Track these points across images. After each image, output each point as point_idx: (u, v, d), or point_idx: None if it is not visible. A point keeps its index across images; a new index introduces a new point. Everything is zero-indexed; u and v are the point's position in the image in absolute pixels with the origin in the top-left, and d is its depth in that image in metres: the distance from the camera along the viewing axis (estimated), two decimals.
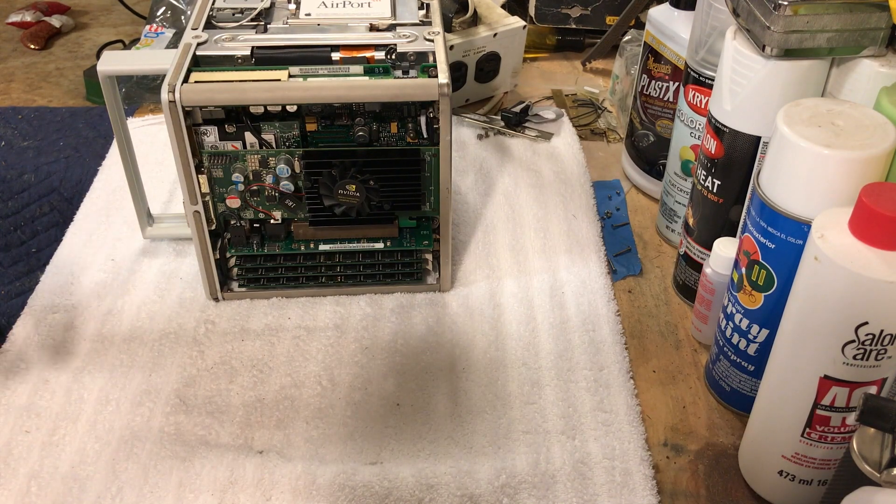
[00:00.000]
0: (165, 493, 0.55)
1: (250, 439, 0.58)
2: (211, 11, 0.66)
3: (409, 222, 0.68)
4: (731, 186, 0.63)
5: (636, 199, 0.83)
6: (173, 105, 0.58)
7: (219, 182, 0.64)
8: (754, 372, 0.58)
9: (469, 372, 0.63)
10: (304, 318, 0.68)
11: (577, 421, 0.60)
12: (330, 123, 0.62)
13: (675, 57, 0.73)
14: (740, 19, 0.57)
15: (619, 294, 0.72)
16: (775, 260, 0.52)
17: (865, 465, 0.40)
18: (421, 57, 0.62)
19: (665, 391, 0.63)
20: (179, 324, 0.67)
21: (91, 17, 1.20)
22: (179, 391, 0.61)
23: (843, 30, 0.54)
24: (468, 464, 0.57)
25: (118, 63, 0.64)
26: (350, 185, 0.62)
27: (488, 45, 0.92)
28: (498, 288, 0.71)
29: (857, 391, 0.48)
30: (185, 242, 0.74)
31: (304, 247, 0.67)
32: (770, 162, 0.51)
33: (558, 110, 0.94)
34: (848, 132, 0.48)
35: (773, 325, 0.53)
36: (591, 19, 1.03)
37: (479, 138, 0.89)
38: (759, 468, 0.55)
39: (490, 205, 0.80)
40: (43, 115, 0.94)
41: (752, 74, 0.57)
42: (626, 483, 0.56)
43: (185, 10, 1.01)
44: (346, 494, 0.54)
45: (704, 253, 0.67)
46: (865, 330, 0.44)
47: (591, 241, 0.75)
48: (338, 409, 0.61)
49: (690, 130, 0.70)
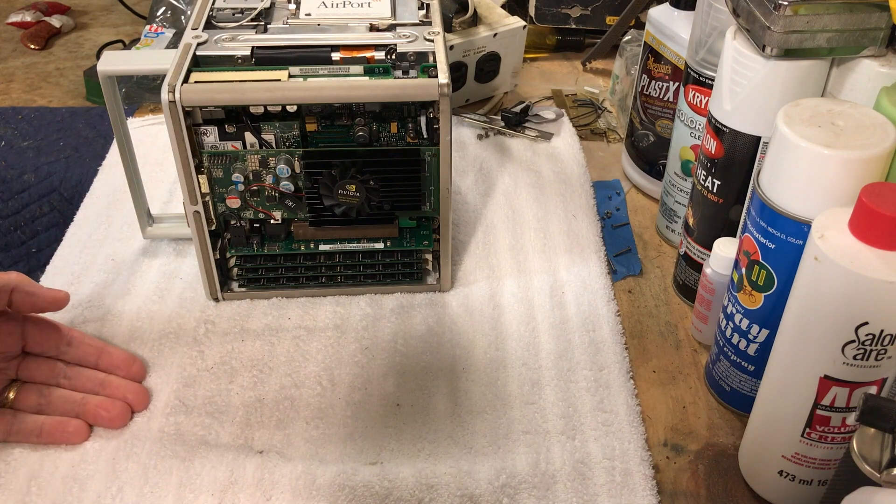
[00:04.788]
0: (165, 493, 0.55)
1: (250, 439, 0.58)
2: (211, 11, 0.66)
3: (409, 222, 0.68)
4: (731, 186, 0.63)
5: (636, 199, 0.83)
6: (173, 105, 0.58)
7: (219, 182, 0.64)
8: (754, 372, 0.58)
9: (469, 372, 0.63)
10: (304, 319, 0.68)
11: (577, 421, 0.60)
12: (330, 123, 0.62)
13: (675, 57, 0.73)
14: (740, 19, 0.57)
15: (619, 294, 0.72)
16: (775, 260, 0.52)
17: (865, 465, 0.40)
18: (421, 57, 0.62)
19: (665, 391, 0.63)
20: (179, 324, 0.67)
21: (91, 17, 1.20)
22: (179, 391, 0.61)
23: (843, 30, 0.54)
24: (468, 464, 0.57)
25: (118, 63, 0.64)
26: (350, 185, 0.62)
27: (488, 45, 0.92)
28: (498, 288, 0.71)
29: (857, 391, 0.48)
30: (185, 242, 0.74)
31: (304, 247, 0.67)
32: (770, 162, 0.51)
33: (558, 110, 0.94)
34: (848, 132, 0.48)
35: (773, 325, 0.53)
36: (591, 19, 1.03)
37: (479, 138, 0.89)
38: (759, 468, 0.55)
39: (490, 205, 0.80)
40: (43, 115, 0.94)
41: (751, 74, 0.57)
42: (626, 483, 0.56)
43: (185, 10, 1.01)
44: (346, 494, 0.54)
45: (704, 253, 0.67)
46: (865, 330, 0.44)
47: (591, 241, 0.75)
48: (338, 409, 0.61)
49: (690, 130, 0.70)
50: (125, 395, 0.59)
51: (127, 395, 0.59)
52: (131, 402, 0.59)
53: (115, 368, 0.61)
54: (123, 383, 0.60)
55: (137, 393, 0.60)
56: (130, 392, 0.59)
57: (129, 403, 0.59)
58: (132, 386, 0.60)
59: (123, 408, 0.58)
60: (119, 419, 0.58)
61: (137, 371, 0.61)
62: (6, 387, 0.58)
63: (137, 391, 0.60)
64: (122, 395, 0.59)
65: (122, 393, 0.59)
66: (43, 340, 0.59)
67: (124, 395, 0.59)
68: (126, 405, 0.59)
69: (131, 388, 0.60)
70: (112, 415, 0.58)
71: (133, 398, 0.59)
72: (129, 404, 0.59)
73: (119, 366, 0.61)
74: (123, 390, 0.59)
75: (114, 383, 0.60)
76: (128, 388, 0.60)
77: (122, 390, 0.59)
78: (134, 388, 0.60)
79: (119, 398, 0.59)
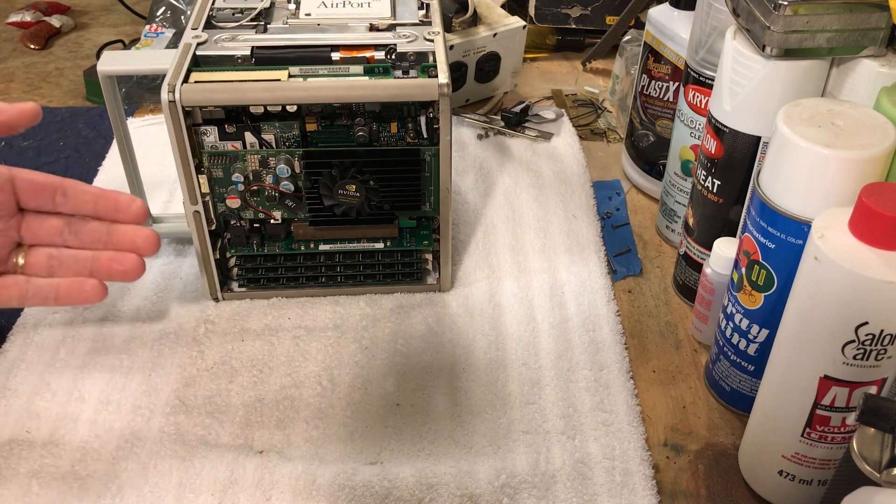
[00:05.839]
0: (165, 493, 0.55)
1: (250, 439, 0.58)
2: (211, 11, 0.66)
3: (409, 222, 0.68)
4: (731, 186, 0.63)
5: (636, 199, 0.83)
6: (173, 105, 0.58)
7: (219, 182, 0.64)
8: (754, 372, 0.58)
9: (469, 372, 0.63)
10: (304, 319, 0.68)
11: (577, 421, 0.60)
12: (330, 123, 0.62)
13: (675, 57, 0.73)
14: (740, 19, 0.57)
15: (619, 294, 0.72)
16: (775, 260, 0.52)
17: (865, 465, 0.40)
18: (421, 57, 0.62)
19: (665, 391, 0.63)
20: (179, 324, 0.67)
21: (91, 17, 1.20)
22: (179, 391, 0.61)
23: (843, 30, 0.54)
24: (468, 464, 0.57)
25: (118, 63, 0.64)
26: (350, 185, 0.62)
27: (488, 45, 0.92)
28: (498, 288, 0.71)
29: (857, 391, 0.48)
30: (185, 242, 0.74)
31: (304, 247, 0.67)
32: (770, 162, 0.51)
33: (558, 110, 0.94)
34: (848, 132, 0.48)
35: (773, 325, 0.53)
36: (591, 19, 1.03)
37: (479, 138, 0.89)
38: (759, 468, 0.55)
39: (490, 205, 0.80)
40: (43, 115, 0.93)
41: (751, 74, 0.57)
42: (626, 483, 0.56)
43: (185, 10, 1.01)
44: (346, 494, 0.54)
45: (704, 253, 0.67)
46: (865, 330, 0.44)
47: (591, 241, 0.75)
48: (338, 409, 0.61)
49: (690, 130, 0.70)
50: (133, 241, 0.57)
51: (136, 241, 0.57)
52: (140, 247, 0.57)
53: (114, 213, 0.58)
54: (130, 229, 0.57)
55: (146, 238, 0.57)
56: (139, 237, 0.57)
57: (139, 250, 0.57)
58: (139, 231, 0.57)
59: (135, 259, 0.57)
60: (133, 272, 0.57)
61: (138, 210, 0.58)
62: (13, 251, 0.57)
63: (146, 236, 0.57)
64: (131, 241, 0.57)
65: (129, 240, 0.57)
66: (35, 192, 0.56)
67: (133, 242, 0.57)
68: (137, 255, 0.57)
69: (139, 234, 0.57)
70: (126, 267, 0.56)
71: (142, 243, 0.57)
72: (139, 251, 0.57)
73: (119, 209, 0.58)
74: (131, 236, 0.57)
75: (120, 230, 0.57)
76: (135, 233, 0.57)
77: (129, 236, 0.57)
78: (142, 232, 0.57)
79: (128, 247, 0.57)
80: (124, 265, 0.57)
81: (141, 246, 0.57)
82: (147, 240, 0.57)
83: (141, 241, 0.57)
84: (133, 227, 0.58)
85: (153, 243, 0.57)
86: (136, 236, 0.57)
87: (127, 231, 0.57)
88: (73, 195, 0.57)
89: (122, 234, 0.57)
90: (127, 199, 0.58)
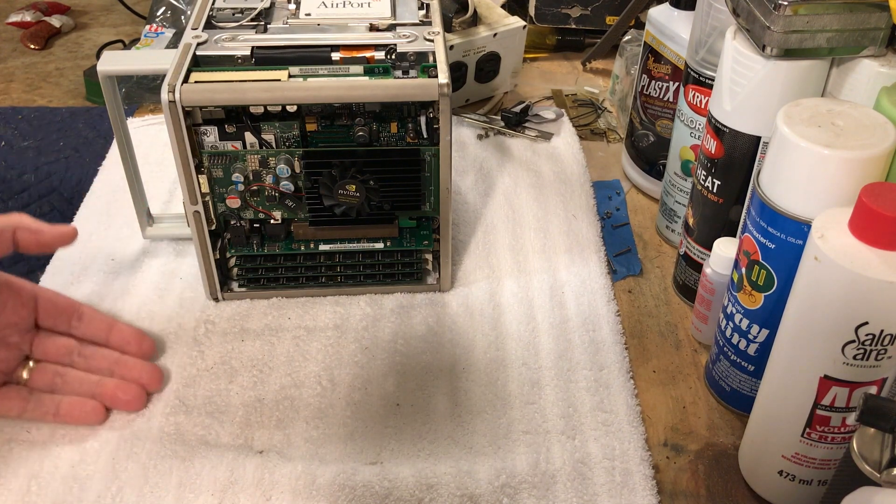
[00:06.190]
0: (165, 493, 0.55)
1: (250, 439, 0.58)
2: (211, 11, 0.66)
3: (409, 222, 0.68)
4: (731, 186, 0.63)
5: (636, 199, 0.83)
6: (173, 105, 0.58)
7: (219, 182, 0.64)
8: (754, 372, 0.58)
9: (469, 372, 0.63)
10: (304, 319, 0.68)
11: (577, 421, 0.60)
12: (330, 123, 0.62)
13: (675, 57, 0.73)
14: (740, 19, 0.57)
15: (619, 294, 0.72)
16: (775, 260, 0.52)
17: (865, 465, 0.40)
18: (421, 57, 0.62)
19: (665, 391, 0.63)
20: (179, 324, 0.67)
21: (91, 17, 1.20)
22: (179, 391, 0.61)
23: (843, 30, 0.54)
24: (468, 464, 0.57)
25: (118, 63, 0.64)
26: (350, 185, 0.62)
27: (488, 45, 0.92)
28: (498, 288, 0.71)
29: (857, 391, 0.48)
30: (185, 242, 0.74)
31: (304, 247, 0.67)
32: (770, 162, 0.51)
33: (558, 110, 0.94)
34: (848, 132, 0.48)
35: (773, 325, 0.53)
36: (591, 19, 1.03)
37: (479, 138, 0.89)
38: (759, 468, 0.55)
39: (490, 205, 0.80)
40: (43, 115, 0.94)
41: (751, 74, 0.57)
42: (626, 483, 0.56)
43: (185, 10, 1.01)
44: (346, 494, 0.54)
45: (704, 253, 0.67)
46: (865, 330, 0.44)
47: (591, 241, 0.75)
48: (338, 409, 0.61)
49: (690, 130, 0.70)
50: (140, 375, 0.60)
51: (142, 376, 0.60)
52: (146, 383, 0.60)
53: (125, 345, 0.61)
54: (138, 364, 0.60)
55: (152, 373, 0.60)
56: (145, 372, 0.60)
57: (144, 384, 0.60)
58: (146, 366, 0.61)
59: (139, 391, 0.59)
60: (135, 402, 0.59)
61: (148, 347, 0.62)
62: (20, 364, 0.59)
63: (151, 371, 0.60)
64: (137, 375, 0.60)
65: (136, 373, 0.60)
66: (55, 313, 0.59)
67: (139, 376, 0.60)
68: (141, 388, 0.60)
69: (146, 369, 0.60)
70: (129, 398, 0.59)
71: (147, 379, 0.60)
72: (144, 385, 0.60)
73: (130, 342, 0.61)
74: (138, 371, 0.60)
75: (128, 364, 0.60)
76: (142, 368, 0.60)
77: (136, 371, 0.60)
78: (148, 368, 0.61)
79: (134, 379, 0.60)
80: (128, 395, 0.59)
81: (147, 382, 0.60)
82: (153, 377, 0.61)
83: (147, 378, 0.60)
84: (141, 361, 0.61)
85: (158, 380, 0.61)
86: (143, 371, 0.60)
87: (136, 365, 0.61)
88: (90, 322, 0.61)
89: (130, 367, 0.60)
90: (138, 335, 0.62)
